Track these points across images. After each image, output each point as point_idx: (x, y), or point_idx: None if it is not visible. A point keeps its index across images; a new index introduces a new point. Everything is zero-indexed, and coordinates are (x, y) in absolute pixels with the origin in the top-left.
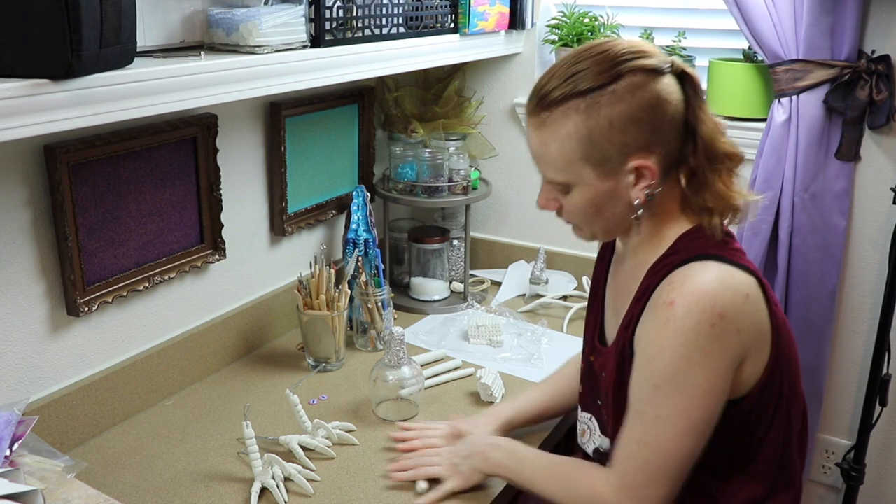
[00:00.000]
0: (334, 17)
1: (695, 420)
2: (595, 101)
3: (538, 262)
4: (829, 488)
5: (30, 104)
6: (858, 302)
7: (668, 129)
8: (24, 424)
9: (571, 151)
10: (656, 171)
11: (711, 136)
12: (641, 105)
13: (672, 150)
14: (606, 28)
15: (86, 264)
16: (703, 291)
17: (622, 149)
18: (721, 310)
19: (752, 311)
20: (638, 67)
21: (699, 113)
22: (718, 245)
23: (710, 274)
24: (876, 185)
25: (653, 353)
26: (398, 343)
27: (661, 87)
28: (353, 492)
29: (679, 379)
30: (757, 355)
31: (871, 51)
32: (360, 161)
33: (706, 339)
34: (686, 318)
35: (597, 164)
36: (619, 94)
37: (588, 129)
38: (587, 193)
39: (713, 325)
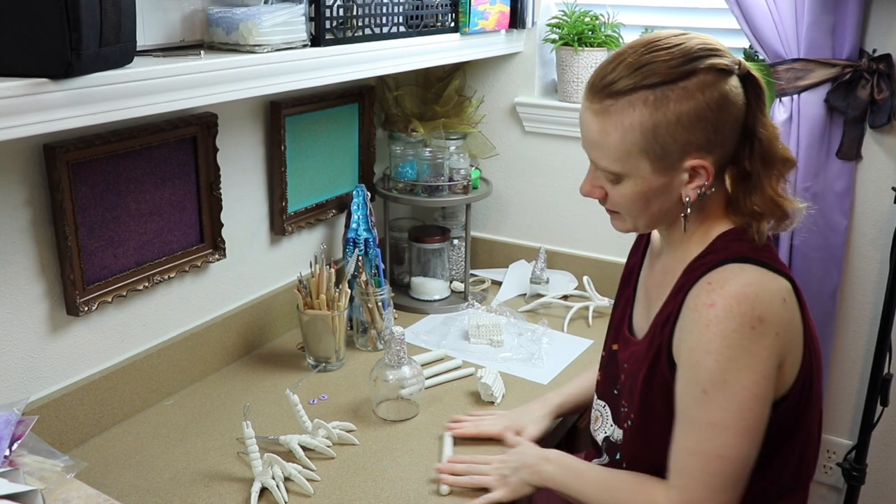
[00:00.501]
0: (334, 16)
1: (749, 421)
2: (665, 95)
3: (539, 262)
4: (831, 488)
5: (29, 103)
6: (859, 301)
7: (729, 131)
8: (24, 424)
9: (632, 143)
10: (712, 171)
11: (770, 140)
12: (709, 104)
13: (728, 152)
14: (607, 27)
15: (85, 264)
16: (744, 294)
17: (684, 146)
18: (760, 313)
19: (788, 316)
20: (711, 66)
21: (760, 116)
22: (757, 248)
23: (749, 277)
24: (877, 185)
25: (697, 357)
26: (398, 343)
27: (729, 87)
28: (354, 492)
29: (728, 382)
30: (793, 358)
31: (873, 50)
32: (360, 160)
33: (749, 340)
34: (728, 321)
35: (656, 158)
36: (690, 91)
37: (654, 123)
38: (639, 186)
39: (754, 327)
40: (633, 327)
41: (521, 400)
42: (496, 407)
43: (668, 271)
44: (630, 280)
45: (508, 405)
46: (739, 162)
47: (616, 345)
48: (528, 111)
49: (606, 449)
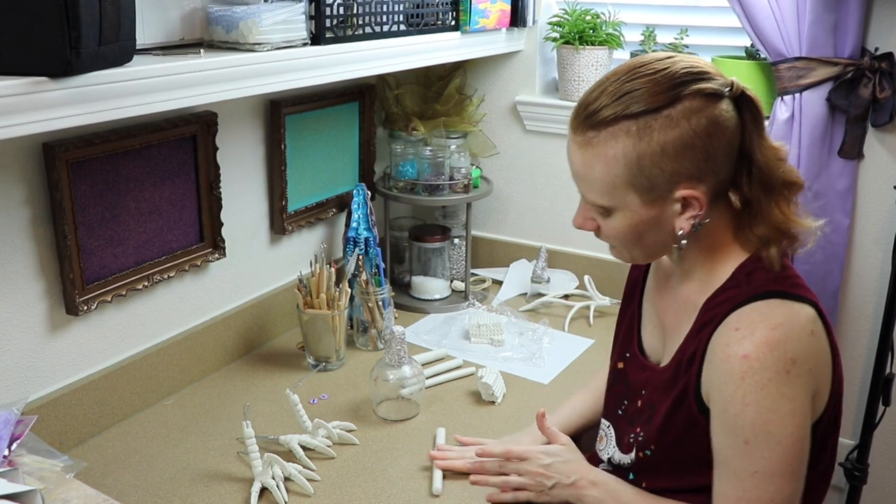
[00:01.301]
0: (335, 14)
1: (794, 464)
2: (648, 124)
3: (539, 261)
4: (833, 488)
5: (28, 102)
6: (861, 301)
7: (722, 157)
8: (23, 424)
9: (617, 176)
10: (705, 201)
11: (768, 165)
12: (697, 132)
13: (724, 179)
14: (608, 25)
15: (85, 263)
16: (775, 339)
17: (672, 177)
18: (793, 355)
19: (818, 346)
20: (697, 91)
21: (756, 139)
22: (778, 278)
23: (776, 317)
24: (879, 184)
25: (735, 410)
26: (399, 342)
27: (719, 112)
28: (354, 492)
29: (772, 432)
30: (825, 385)
31: (875, 48)
32: (360, 159)
33: (787, 386)
34: (764, 371)
35: (643, 190)
36: (675, 120)
37: (638, 155)
38: (629, 219)
39: (789, 371)
40: (643, 348)
41: (521, 400)
42: (497, 406)
43: (687, 301)
44: (634, 294)
45: (509, 405)
46: (739, 187)
47: (622, 363)
48: (528, 110)
49: (611, 470)
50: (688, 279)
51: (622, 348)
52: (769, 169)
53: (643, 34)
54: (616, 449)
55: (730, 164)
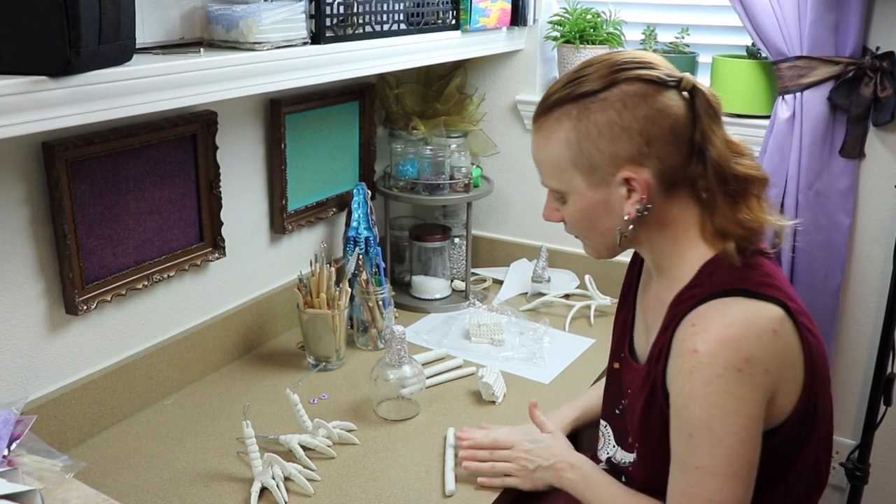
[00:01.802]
0: (335, 13)
1: (736, 466)
2: (586, 107)
3: (540, 261)
4: (834, 488)
5: (28, 101)
6: (863, 300)
7: (665, 144)
8: (23, 424)
9: (561, 157)
10: (648, 185)
11: (722, 158)
12: (634, 115)
13: (673, 167)
14: (609, 24)
15: (84, 262)
16: (727, 336)
17: (612, 158)
18: (746, 354)
19: (781, 347)
20: (635, 77)
21: (708, 133)
22: (743, 277)
23: (733, 315)
24: (880, 183)
25: (682, 403)
26: (399, 342)
27: (661, 99)
28: (354, 492)
29: (714, 429)
30: (790, 387)
31: (876, 47)
32: (360, 158)
33: (735, 384)
34: (711, 367)
35: (586, 171)
36: (611, 102)
37: (578, 136)
38: (579, 203)
39: (740, 370)
40: (634, 349)
41: (522, 399)
42: (497, 406)
43: (660, 298)
44: (628, 297)
45: (510, 405)
46: (696, 180)
47: (617, 363)
48: (529, 109)
49: (610, 470)
50: (660, 276)
51: (617, 349)
52: (723, 162)
53: (644, 33)
54: (617, 448)
55: (677, 154)
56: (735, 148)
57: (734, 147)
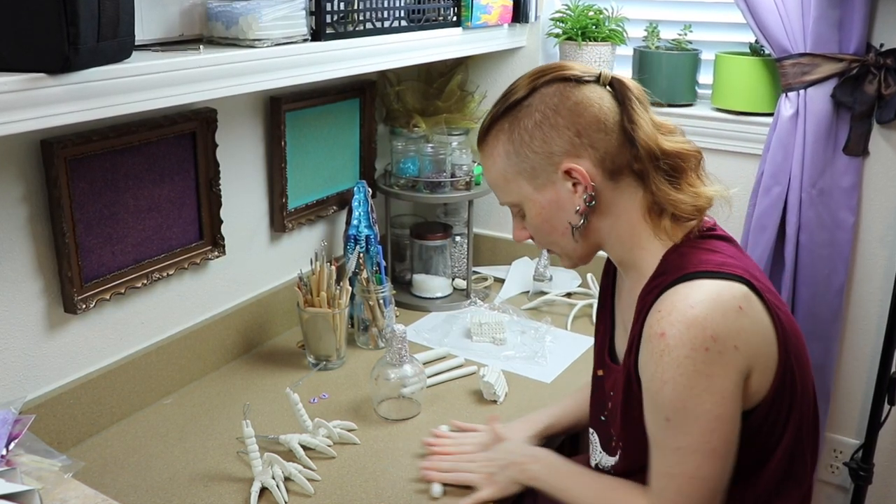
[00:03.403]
0: (335, 10)
1: (714, 443)
2: (515, 116)
3: (542, 259)
4: (837, 488)
5: (26, 98)
6: (867, 299)
7: (594, 132)
8: (21, 423)
9: (505, 170)
10: (589, 174)
11: (648, 136)
12: (557, 111)
13: (610, 154)
14: (611, 21)
15: (83, 261)
16: (692, 317)
17: (548, 157)
18: (713, 332)
19: (749, 323)
20: (551, 79)
21: (633, 115)
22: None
23: (697, 295)
24: (884, 181)
25: (655, 388)
26: (400, 341)
27: (580, 93)
28: (354, 491)
29: (688, 409)
30: (765, 364)
31: (880, 44)
32: (361, 156)
33: (704, 364)
34: (679, 348)
35: (530, 177)
36: (535, 106)
37: (513, 145)
38: (534, 209)
39: (708, 348)
40: (615, 353)
41: (523, 399)
42: (499, 406)
43: (631, 295)
44: (605, 303)
45: (511, 404)
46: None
47: (601, 370)
48: None
49: None
50: (628, 273)
51: (599, 355)
52: (651, 140)
53: (646, 30)
54: (602, 454)
55: (607, 140)
56: (663, 128)
57: (662, 127)
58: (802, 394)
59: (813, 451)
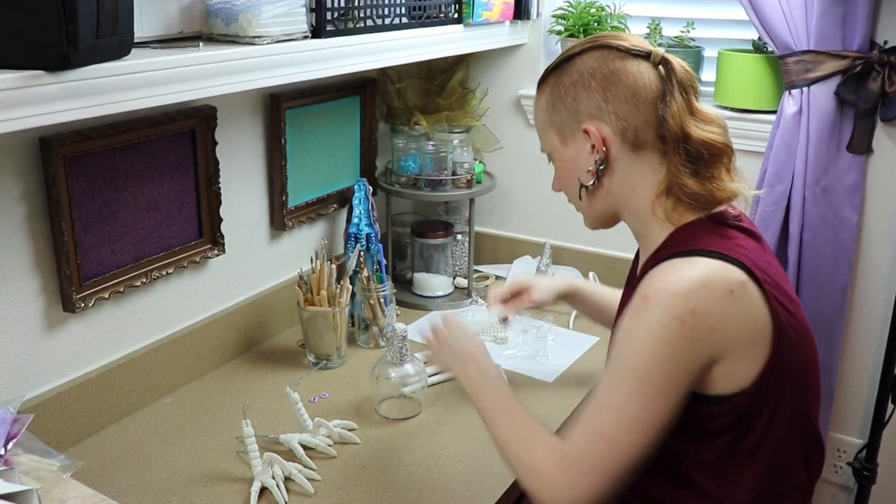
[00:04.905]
0: (335, 7)
1: (649, 418)
2: (561, 72)
3: (543, 258)
4: (841, 488)
5: (25, 96)
6: (870, 298)
7: (622, 102)
8: (19, 423)
9: (542, 119)
10: (604, 138)
11: (676, 118)
12: (593, 75)
13: (634, 127)
14: (614, 18)
15: (82, 259)
16: (679, 288)
17: (575, 114)
18: (694, 306)
19: (737, 309)
20: (601, 45)
21: (669, 98)
22: (713, 241)
23: (690, 270)
24: (888, 179)
25: (620, 343)
26: (401, 340)
27: (622, 64)
28: (355, 491)
29: (640, 372)
30: (748, 352)
31: (884, 41)
32: (361, 154)
33: (674, 335)
34: (657, 313)
35: (559, 130)
36: (577, 66)
37: (552, 98)
38: (558, 161)
39: (684, 321)
40: None
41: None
42: None
43: (643, 268)
44: (630, 282)
45: None
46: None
47: None
48: (532, 104)
49: None
50: (642, 246)
51: None
52: (678, 124)
53: (649, 27)
54: None
55: (636, 114)
56: (701, 116)
57: (700, 115)
58: (795, 396)
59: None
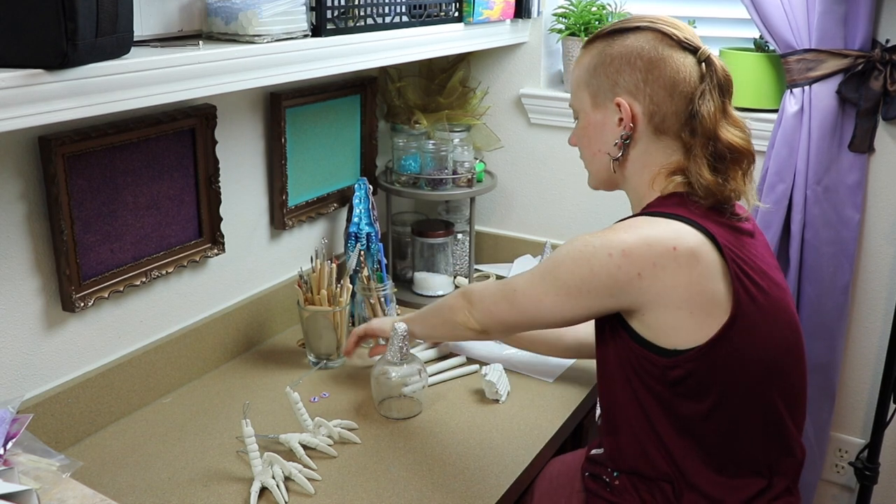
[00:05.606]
0: (336, 5)
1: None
2: (611, 41)
3: (544, 257)
4: (843, 488)
5: (24, 94)
6: (872, 297)
7: (660, 88)
8: (19, 423)
9: (580, 78)
10: (633, 114)
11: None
12: (640, 55)
13: (663, 113)
14: (615, 17)
15: (81, 259)
16: (623, 232)
17: (613, 86)
18: (627, 247)
19: (675, 267)
20: (656, 29)
21: (706, 96)
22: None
23: (643, 225)
24: (890, 178)
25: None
26: (401, 339)
27: (671, 53)
28: (355, 491)
29: (552, 267)
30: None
31: (886, 40)
32: (362, 153)
33: (598, 262)
34: (593, 239)
35: (593, 94)
36: (628, 41)
37: (596, 62)
38: (583, 121)
39: (611, 254)
40: None
41: (526, 398)
42: (501, 405)
43: None
44: None
45: (513, 403)
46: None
47: None
48: (533, 103)
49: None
50: None
51: None
52: (710, 123)
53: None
54: None
55: (669, 102)
56: (731, 119)
57: (731, 118)
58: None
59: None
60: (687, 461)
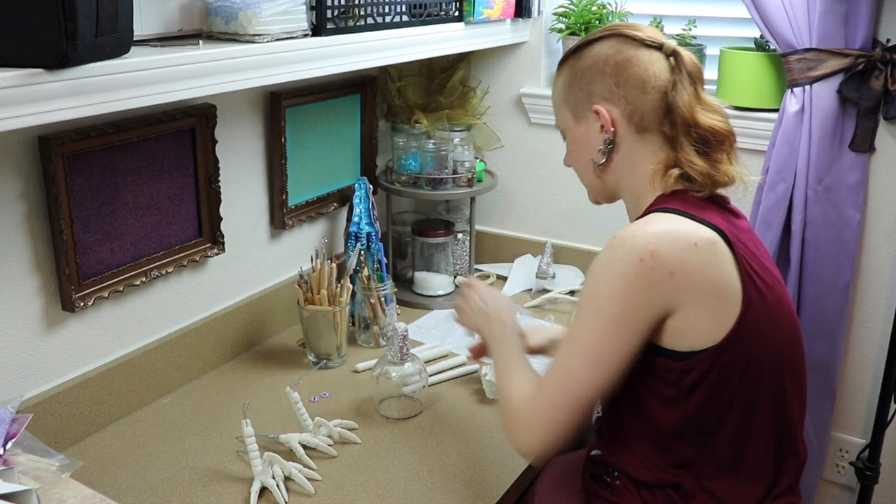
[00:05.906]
0: (336, 4)
1: (604, 351)
2: (578, 56)
3: (545, 257)
4: (843, 488)
5: (23, 94)
6: (873, 297)
7: (633, 88)
8: (18, 422)
9: (559, 97)
10: (612, 119)
11: (686, 106)
12: (607, 61)
13: (640, 111)
14: (615, 16)
15: (81, 258)
16: (644, 231)
17: (588, 96)
18: (654, 248)
19: (700, 262)
20: (618, 34)
21: (679, 87)
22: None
23: (658, 222)
24: (891, 178)
25: (586, 279)
26: (401, 339)
27: (636, 53)
28: (355, 491)
29: (595, 302)
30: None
31: (886, 39)
32: (362, 152)
33: (632, 270)
34: (619, 249)
35: (572, 109)
36: (594, 52)
37: (569, 78)
38: (570, 137)
39: (642, 259)
40: None
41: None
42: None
43: None
44: None
45: None
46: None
47: None
48: (533, 102)
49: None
50: None
51: None
52: (688, 111)
53: (650, 24)
54: None
55: (644, 100)
56: (707, 105)
57: (706, 104)
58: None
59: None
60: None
